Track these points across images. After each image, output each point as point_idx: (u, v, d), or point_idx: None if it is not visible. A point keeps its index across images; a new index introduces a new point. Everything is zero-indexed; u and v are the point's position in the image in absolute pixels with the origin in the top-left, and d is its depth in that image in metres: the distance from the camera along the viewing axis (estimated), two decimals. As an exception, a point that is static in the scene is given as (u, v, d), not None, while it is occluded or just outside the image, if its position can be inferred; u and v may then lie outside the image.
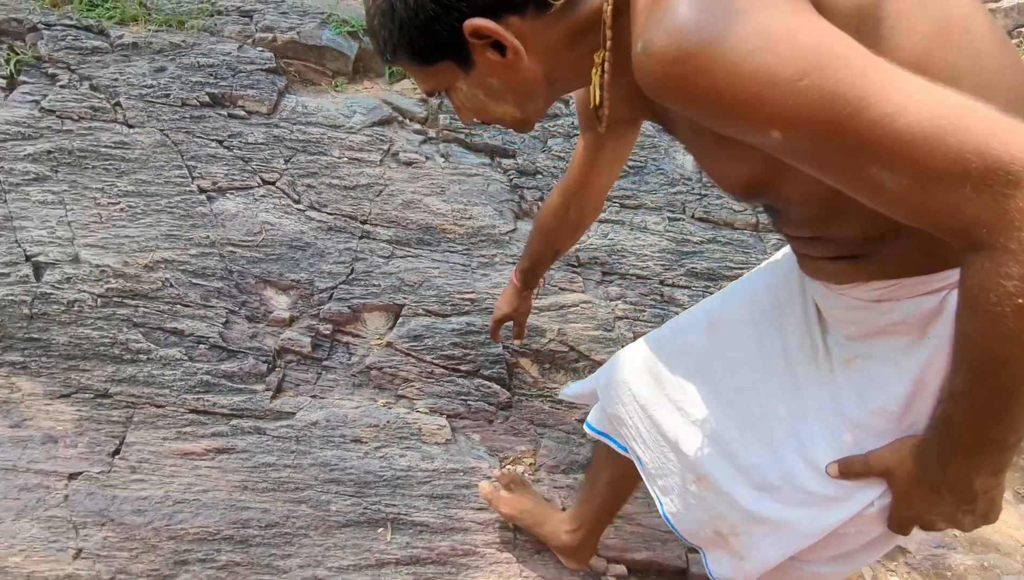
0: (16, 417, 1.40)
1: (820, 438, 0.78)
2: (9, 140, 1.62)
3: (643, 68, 0.55)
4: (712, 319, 0.94)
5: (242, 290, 1.52)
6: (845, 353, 0.77)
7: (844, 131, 0.50)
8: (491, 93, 0.71)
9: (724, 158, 0.68)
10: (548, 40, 0.66)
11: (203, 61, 1.73)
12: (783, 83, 0.50)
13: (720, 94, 0.51)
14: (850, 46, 0.51)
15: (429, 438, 1.42)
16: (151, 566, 1.28)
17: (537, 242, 1.25)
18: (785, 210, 0.72)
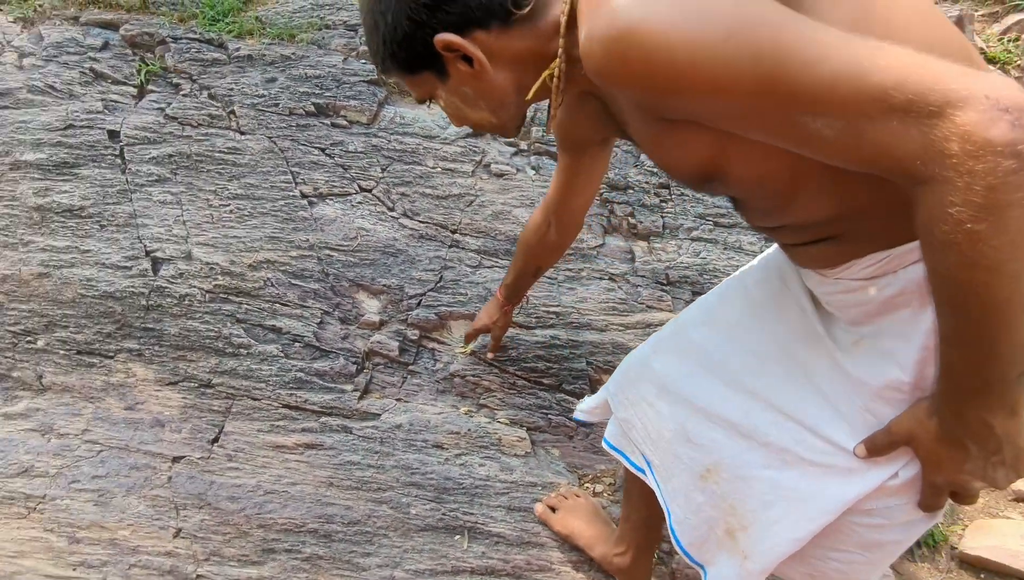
0: (130, 400, 1.51)
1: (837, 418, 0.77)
2: (137, 144, 1.75)
3: (587, 53, 0.59)
4: (709, 315, 0.96)
5: (337, 292, 1.58)
6: (851, 337, 0.77)
7: (773, 84, 0.53)
8: (466, 101, 0.78)
9: (673, 145, 0.70)
10: (513, 51, 0.73)
11: (310, 73, 1.82)
12: (710, 46, 0.53)
13: (656, 66, 0.55)
14: (770, 6, 0.54)
15: (509, 449, 1.43)
16: (241, 551, 1.34)
17: (520, 259, 1.30)
18: (746, 199, 0.74)
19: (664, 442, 0.93)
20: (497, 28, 0.71)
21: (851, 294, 0.75)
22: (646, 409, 0.96)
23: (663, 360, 0.96)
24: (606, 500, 1.38)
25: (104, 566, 1.33)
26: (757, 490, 0.83)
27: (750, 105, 0.56)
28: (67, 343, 1.56)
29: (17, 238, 1.64)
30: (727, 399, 0.87)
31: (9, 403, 1.51)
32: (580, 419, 1.17)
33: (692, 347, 0.94)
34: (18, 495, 1.40)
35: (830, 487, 0.77)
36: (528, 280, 1.35)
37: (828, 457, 0.78)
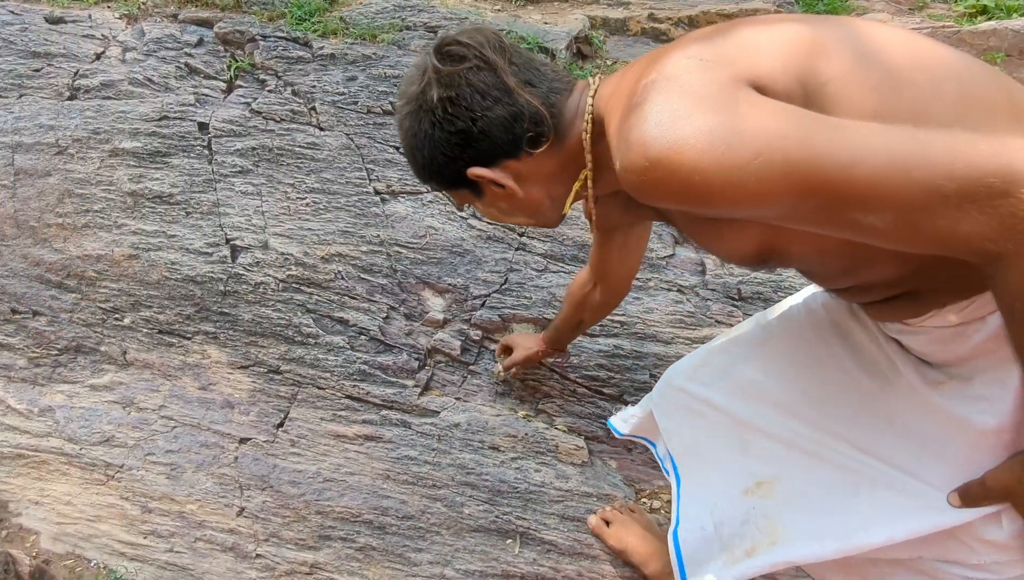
0: (204, 380, 1.57)
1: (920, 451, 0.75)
2: (224, 136, 1.83)
3: (625, 181, 0.62)
4: (766, 334, 0.93)
5: (403, 289, 1.61)
6: (937, 376, 0.75)
7: (813, 191, 0.54)
8: (503, 211, 0.84)
9: (725, 237, 0.72)
10: (544, 171, 0.78)
11: (389, 72, 1.86)
12: (740, 166, 0.54)
13: (692, 189, 0.56)
14: (791, 116, 0.56)
15: (566, 457, 1.41)
16: (299, 535, 1.38)
17: (565, 309, 1.31)
18: (810, 268, 0.74)
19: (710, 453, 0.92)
20: (526, 155, 0.76)
21: (937, 343, 0.72)
22: (695, 419, 0.94)
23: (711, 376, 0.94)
24: (663, 517, 1.34)
25: (172, 537, 1.39)
26: (816, 507, 0.81)
27: (794, 209, 0.56)
28: (150, 322, 1.64)
29: (112, 221, 1.74)
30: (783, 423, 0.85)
31: (96, 375, 1.61)
32: (613, 427, 1.15)
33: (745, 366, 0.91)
34: (99, 462, 1.48)
35: (903, 514, 0.75)
36: (570, 333, 1.36)
37: (908, 487, 0.75)
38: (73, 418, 1.54)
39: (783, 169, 0.54)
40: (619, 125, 0.63)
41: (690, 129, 0.56)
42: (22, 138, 1.86)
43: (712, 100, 0.57)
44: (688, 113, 0.57)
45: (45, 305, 1.68)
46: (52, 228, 1.75)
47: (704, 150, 0.55)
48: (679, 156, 0.56)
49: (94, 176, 1.80)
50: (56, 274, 1.71)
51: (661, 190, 0.59)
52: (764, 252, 0.71)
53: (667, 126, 0.57)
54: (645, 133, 0.58)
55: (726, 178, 0.55)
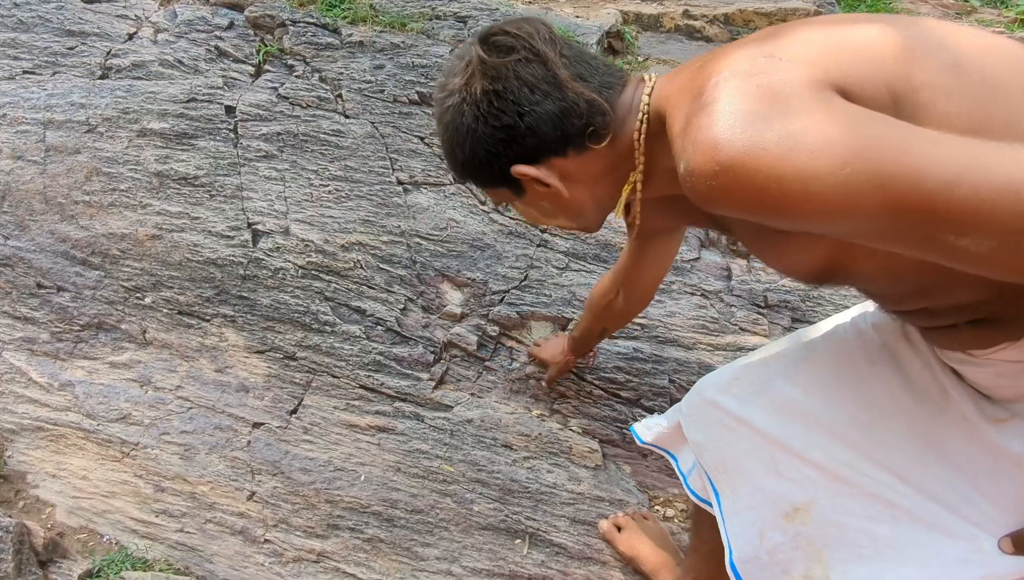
0: (221, 363, 1.58)
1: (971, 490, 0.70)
2: (250, 120, 1.84)
3: (689, 186, 0.57)
4: (809, 350, 0.87)
5: (422, 281, 1.59)
6: (996, 412, 0.70)
7: (905, 209, 0.49)
8: (544, 212, 0.80)
9: (790, 251, 0.67)
10: (591, 170, 0.74)
11: (417, 62, 1.84)
12: (826, 176, 0.50)
13: (766, 197, 0.52)
14: (886, 126, 0.51)
15: (579, 459, 1.39)
16: (308, 523, 1.37)
17: (587, 319, 1.29)
18: (874, 288, 0.69)
19: (743, 473, 0.86)
20: (574, 153, 0.72)
21: (1004, 377, 0.67)
22: (725, 434, 0.88)
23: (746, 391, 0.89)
24: (676, 526, 1.31)
25: (183, 517, 1.40)
26: (852, 540, 0.76)
27: (880, 226, 0.51)
28: (171, 302, 1.65)
29: (137, 200, 1.76)
30: (824, 446, 0.80)
31: (116, 353, 1.62)
32: (636, 434, 1.11)
33: (785, 383, 0.86)
34: (115, 439, 1.50)
35: (949, 559, 0.69)
36: (594, 340, 1.35)
37: (953, 526, 0.70)
38: (92, 394, 1.56)
39: (874, 182, 0.49)
40: (684, 125, 0.59)
41: (768, 132, 0.51)
42: (54, 115, 1.88)
43: (792, 101, 0.53)
44: (765, 114, 0.52)
45: (70, 281, 1.70)
46: (79, 205, 1.77)
47: (783, 155, 0.51)
48: (754, 161, 0.51)
49: (122, 155, 1.82)
50: (81, 251, 1.72)
51: (730, 197, 0.54)
52: (830, 270, 0.66)
53: (742, 128, 0.52)
54: (717, 134, 0.53)
55: (806, 188, 0.50)
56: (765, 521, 0.83)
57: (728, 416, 0.89)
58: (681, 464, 1.02)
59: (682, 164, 0.58)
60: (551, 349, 1.44)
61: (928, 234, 0.50)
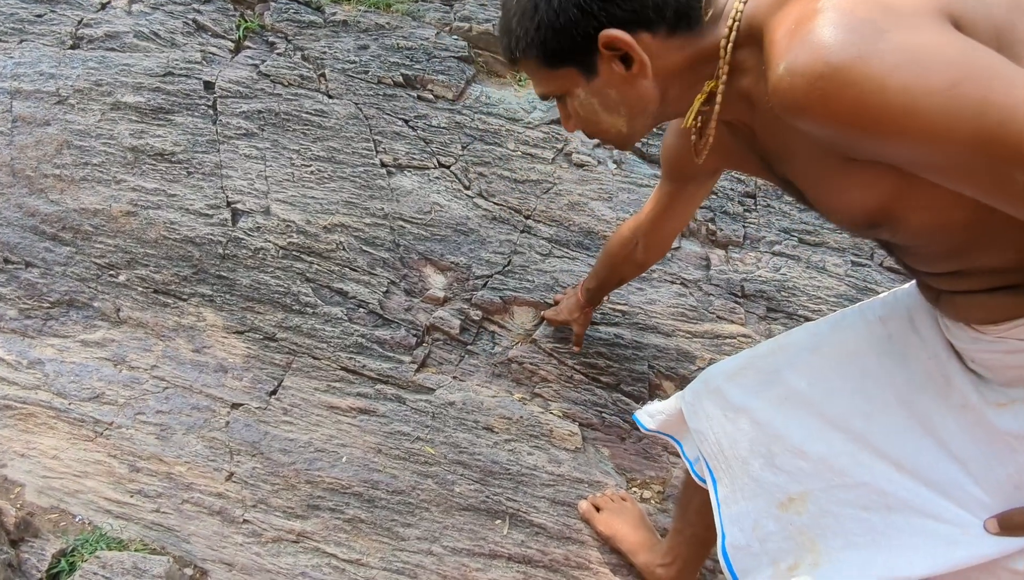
0: (198, 343, 1.56)
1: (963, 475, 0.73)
2: (229, 97, 1.80)
3: (784, 88, 0.56)
4: (818, 343, 0.89)
5: (405, 264, 1.59)
6: (997, 397, 0.71)
7: (997, 139, 0.49)
8: (606, 104, 0.74)
9: (848, 186, 0.65)
10: (671, 61, 0.70)
11: (402, 44, 1.83)
12: (933, 93, 0.50)
13: (867, 107, 0.52)
14: (996, 59, 0.52)
15: (559, 442, 1.41)
16: (288, 503, 1.37)
17: (604, 269, 1.31)
18: (912, 244, 0.69)
19: (740, 462, 0.88)
20: (663, 33, 0.68)
21: (1012, 355, 0.69)
22: (725, 425, 0.91)
23: (753, 380, 0.91)
24: (653, 508, 1.35)
25: (159, 497, 1.38)
26: (847, 529, 0.78)
27: (964, 158, 0.52)
28: (146, 281, 1.62)
29: (111, 176, 1.71)
30: (825, 436, 0.82)
31: (88, 331, 1.58)
32: (639, 421, 1.13)
33: (791, 374, 0.88)
34: (88, 419, 1.46)
35: (938, 543, 0.72)
36: (610, 287, 1.37)
37: (943, 511, 0.73)
38: (63, 372, 1.52)
39: (977, 109, 0.49)
40: (793, 27, 0.57)
41: (883, 42, 0.51)
42: (21, 84, 1.82)
43: (910, 19, 0.52)
44: (883, 26, 0.52)
45: (38, 256, 1.65)
46: (49, 179, 1.72)
47: (896, 66, 0.50)
48: (866, 67, 0.51)
49: (94, 128, 1.76)
50: (51, 226, 1.67)
51: (827, 105, 0.53)
52: (884, 213, 0.65)
53: (859, 33, 0.52)
54: (831, 37, 0.52)
55: (910, 103, 0.50)
56: (760, 511, 0.86)
57: (730, 406, 0.91)
58: (688, 452, 1.04)
59: (783, 64, 0.56)
60: (567, 309, 1.43)
61: (1007, 170, 0.51)
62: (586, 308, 1.40)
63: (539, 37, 0.70)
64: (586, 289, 1.37)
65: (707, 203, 1.58)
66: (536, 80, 0.77)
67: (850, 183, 0.65)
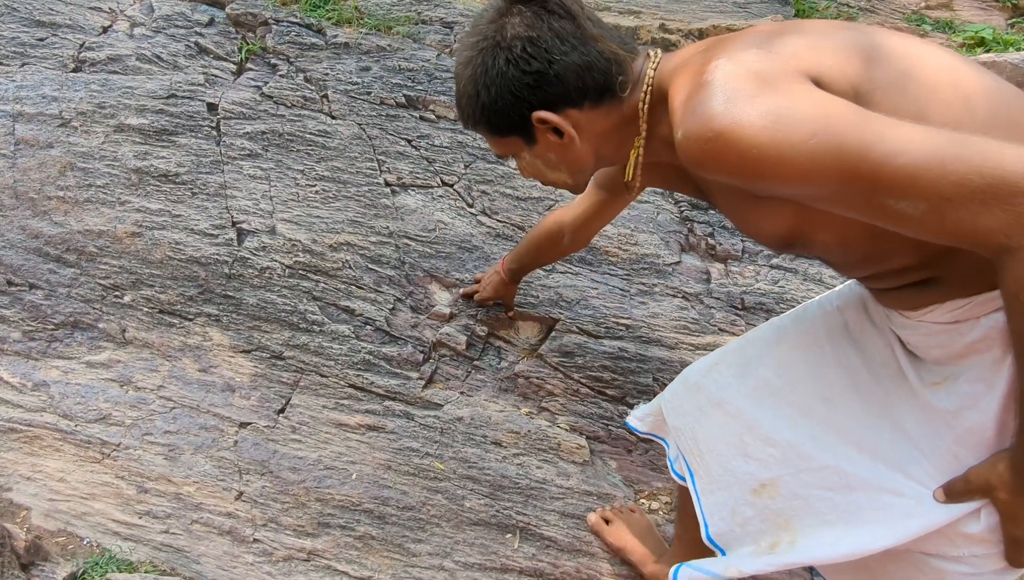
0: (205, 362, 1.56)
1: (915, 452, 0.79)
2: (233, 118, 1.82)
3: (684, 149, 0.67)
4: (782, 335, 0.97)
5: (411, 281, 1.61)
6: (932, 377, 0.79)
7: (857, 174, 0.60)
8: (549, 164, 0.85)
9: (759, 216, 0.77)
10: (600, 127, 0.81)
11: (404, 65, 1.86)
12: (796, 144, 0.61)
13: (747, 162, 0.63)
14: (847, 107, 0.62)
15: (567, 455, 1.43)
16: (298, 521, 1.37)
17: (529, 252, 1.41)
18: (829, 256, 0.79)
19: (714, 454, 0.95)
20: (588, 107, 0.79)
21: (932, 337, 0.77)
22: (701, 419, 0.97)
23: (726, 374, 0.98)
24: (661, 518, 1.37)
25: (168, 518, 1.38)
26: (816, 508, 0.84)
27: (835, 191, 0.62)
28: (151, 301, 1.62)
29: (115, 197, 1.72)
30: (792, 422, 0.88)
31: (93, 352, 1.58)
32: (630, 425, 1.18)
33: (759, 366, 0.95)
34: (95, 440, 1.46)
35: (897, 515, 0.78)
36: (532, 269, 1.48)
37: (899, 486, 0.79)
38: (68, 394, 1.52)
39: (835, 151, 0.60)
40: (685, 99, 0.68)
41: (753, 108, 0.62)
42: (24, 107, 1.83)
43: (775, 85, 0.63)
44: (753, 94, 0.63)
45: (43, 278, 1.65)
46: (52, 201, 1.72)
47: (764, 127, 0.61)
48: (741, 130, 0.62)
49: (98, 150, 1.77)
50: (55, 248, 1.68)
51: (718, 161, 0.64)
52: (792, 236, 0.76)
53: (733, 103, 0.63)
54: (712, 108, 0.64)
55: (779, 154, 0.61)
56: (736, 499, 0.92)
57: (706, 401, 0.98)
58: (671, 451, 1.08)
59: (680, 131, 0.67)
60: (493, 288, 1.52)
61: (874, 198, 0.61)
62: (511, 286, 1.51)
63: (484, 116, 0.82)
64: (509, 269, 1.47)
65: (706, 218, 1.62)
66: (489, 143, 0.88)
67: (759, 215, 0.77)
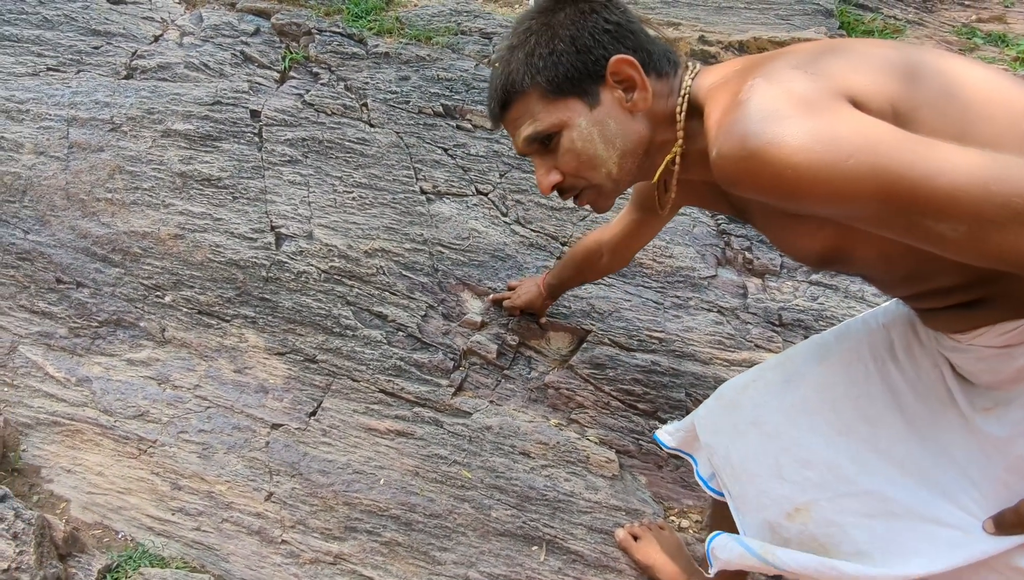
0: (240, 363, 1.59)
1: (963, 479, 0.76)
2: (275, 125, 1.86)
3: (719, 167, 0.66)
4: (824, 354, 0.94)
5: (443, 289, 1.62)
6: (983, 402, 0.76)
7: (895, 194, 0.58)
8: (605, 135, 0.80)
9: (797, 234, 0.75)
10: (657, 108, 0.80)
11: (442, 75, 1.88)
12: (832, 165, 0.59)
13: (783, 181, 0.61)
14: (886, 128, 0.61)
15: (596, 469, 1.41)
16: (326, 524, 1.38)
17: (569, 271, 1.42)
18: (872, 273, 0.77)
19: (749, 475, 0.92)
20: (653, 76, 0.79)
21: (983, 361, 0.74)
22: (736, 438, 0.95)
23: (764, 393, 0.95)
24: (691, 537, 1.33)
25: (200, 515, 1.40)
26: (853, 537, 0.81)
27: (873, 212, 0.61)
28: (191, 302, 1.66)
29: (160, 200, 1.77)
30: (831, 442, 0.85)
31: (134, 350, 1.62)
32: (659, 439, 1.15)
33: (799, 384, 0.92)
34: (132, 436, 1.50)
35: (942, 545, 0.75)
36: (572, 286, 1.48)
37: (946, 515, 0.76)
38: (109, 390, 1.56)
39: (872, 172, 0.58)
40: (721, 117, 0.68)
41: (790, 128, 0.61)
42: (78, 112, 1.90)
43: (813, 105, 0.62)
44: (790, 114, 0.62)
45: (89, 277, 1.70)
46: (101, 202, 1.78)
47: (800, 147, 0.60)
48: (777, 150, 0.61)
49: (145, 155, 1.83)
50: (102, 248, 1.73)
51: (753, 180, 0.63)
52: (831, 253, 0.74)
53: (769, 123, 0.62)
54: (748, 127, 0.63)
55: (816, 175, 0.60)
56: (772, 520, 0.89)
57: (742, 420, 0.95)
58: (701, 468, 1.06)
59: (715, 149, 0.66)
60: (528, 300, 1.52)
61: (912, 219, 0.59)
62: (547, 301, 1.51)
63: (551, 62, 0.78)
64: (548, 285, 1.47)
65: (743, 231, 1.59)
66: (532, 117, 0.81)
67: (797, 233, 0.75)
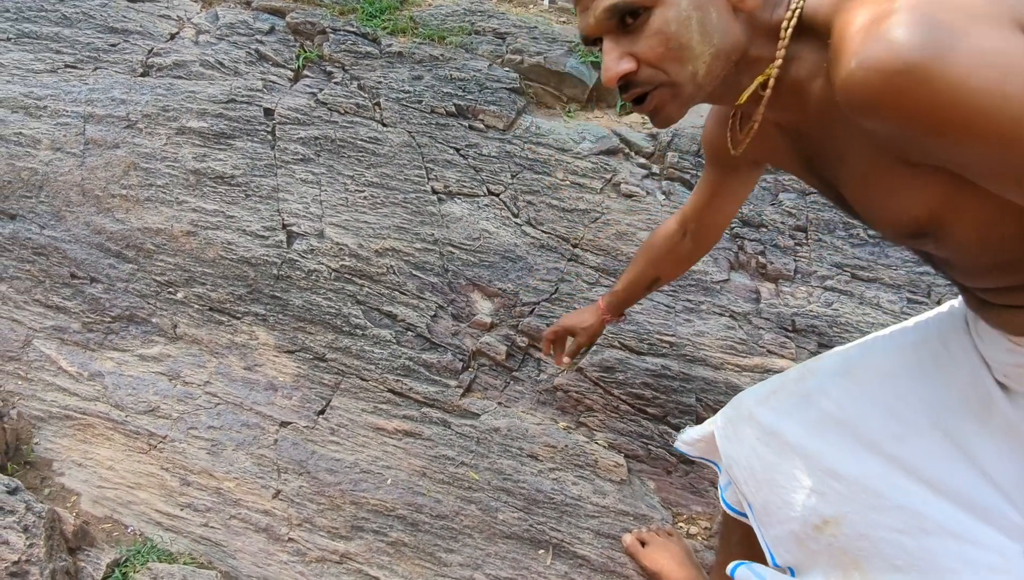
0: (250, 361, 1.59)
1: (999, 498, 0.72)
2: (288, 123, 1.87)
3: (858, 81, 0.55)
4: (849, 366, 0.89)
5: (453, 289, 1.61)
6: None
7: None
8: (704, 25, 0.66)
9: (897, 189, 0.64)
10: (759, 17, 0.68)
11: (455, 75, 1.88)
12: (1008, 98, 0.50)
13: (940, 107, 0.51)
14: None
15: (604, 473, 1.40)
16: (332, 523, 1.38)
17: (639, 266, 1.21)
18: (956, 257, 0.68)
19: (773, 486, 0.88)
20: None
21: None
22: (758, 448, 0.91)
23: (785, 403, 0.91)
24: (699, 544, 1.32)
25: (208, 511, 1.41)
26: (886, 553, 0.77)
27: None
28: (202, 299, 1.67)
29: (173, 197, 1.78)
30: (859, 458, 0.81)
31: (146, 345, 1.64)
32: (681, 450, 1.13)
33: (822, 397, 0.88)
34: (143, 431, 1.51)
35: (981, 568, 0.71)
36: (640, 292, 1.25)
37: (983, 536, 0.72)
38: (121, 385, 1.57)
39: None
40: (869, 23, 0.56)
41: (962, 45, 0.51)
42: (94, 109, 1.92)
43: (986, 25, 0.52)
44: (961, 29, 0.51)
45: (103, 273, 1.72)
46: (116, 199, 1.80)
47: (973, 69, 0.50)
48: (943, 67, 0.50)
49: (160, 152, 1.84)
50: (116, 244, 1.75)
51: (900, 102, 0.53)
52: (931, 221, 0.64)
53: (938, 34, 0.51)
54: (910, 35, 0.51)
55: (984, 106, 0.50)
56: (799, 533, 0.85)
57: (762, 430, 0.91)
58: (721, 477, 1.04)
59: (856, 60, 0.55)
60: (577, 317, 1.33)
61: None
62: (604, 316, 1.30)
63: None
64: (611, 302, 1.28)
65: (757, 236, 1.58)
66: None
67: (900, 185, 0.64)
